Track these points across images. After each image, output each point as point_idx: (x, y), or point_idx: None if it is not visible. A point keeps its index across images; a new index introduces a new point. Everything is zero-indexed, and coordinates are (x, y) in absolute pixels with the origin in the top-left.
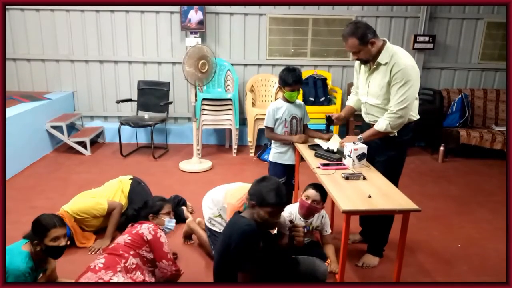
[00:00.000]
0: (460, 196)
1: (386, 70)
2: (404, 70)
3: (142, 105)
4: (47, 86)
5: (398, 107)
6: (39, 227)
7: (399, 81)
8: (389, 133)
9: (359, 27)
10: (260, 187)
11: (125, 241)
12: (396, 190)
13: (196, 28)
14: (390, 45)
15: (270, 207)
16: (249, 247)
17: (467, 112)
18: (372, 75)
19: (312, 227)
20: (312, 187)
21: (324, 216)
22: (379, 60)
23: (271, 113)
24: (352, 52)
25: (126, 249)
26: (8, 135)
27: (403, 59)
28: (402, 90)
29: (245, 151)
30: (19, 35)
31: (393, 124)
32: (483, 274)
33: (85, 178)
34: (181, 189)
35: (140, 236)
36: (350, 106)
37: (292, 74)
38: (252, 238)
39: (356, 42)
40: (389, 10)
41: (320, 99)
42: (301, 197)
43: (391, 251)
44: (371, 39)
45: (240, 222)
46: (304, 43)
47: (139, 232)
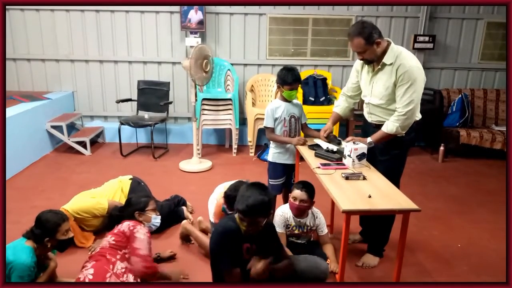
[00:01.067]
0: (460, 196)
1: (392, 71)
2: (410, 71)
3: (142, 105)
4: (47, 86)
5: (406, 109)
6: (49, 223)
7: (406, 82)
8: (398, 134)
9: (366, 27)
10: (240, 192)
11: (109, 243)
12: (396, 190)
13: (196, 28)
14: (394, 46)
15: (240, 214)
16: (222, 247)
17: (467, 112)
18: (377, 76)
19: (306, 227)
20: (297, 187)
21: (318, 216)
22: (384, 60)
23: (270, 113)
24: (358, 52)
25: (113, 252)
26: (8, 135)
27: (409, 60)
28: (409, 92)
29: (245, 151)
30: (19, 35)
31: (402, 125)
32: (483, 274)
33: (85, 178)
34: (181, 189)
35: (122, 233)
36: (338, 114)
37: (291, 73)
38: (224, 239)
39: (362, 42)
40: (389, 10)
41: (320, 99)
42: (289, 198)
43: (391, 251)
44: (377, 39)
45: (220, 223)
46: (304, 43)
47: (120, 230)
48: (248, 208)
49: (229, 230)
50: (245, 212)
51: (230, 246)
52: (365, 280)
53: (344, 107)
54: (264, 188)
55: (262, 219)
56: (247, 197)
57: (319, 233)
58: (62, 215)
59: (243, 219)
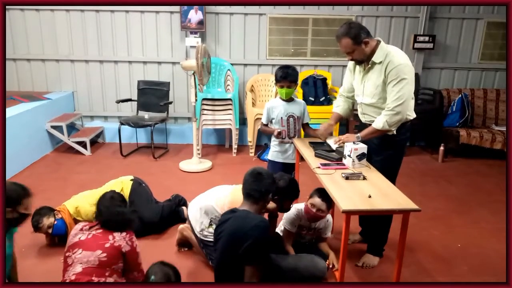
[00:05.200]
0: (460, 196)
1: (381, 69)
2: (398, 67)
3: (142, 105)
4: (47, 86)
5: (394, 104)
6: (14, 194)
7: (394, 78)
8: (387, 131)
9: (352, 27)
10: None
11: (99, 260)
12: (396, 190)
13: (196, 28)
14: (384, 45)
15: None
16: (266, 240)
17: (467, 112)
18: (367, 75)
19: (314, 230)
20: (318, 195)
21: (329, 220)
22: (373, 59)
23: (266, 111)
24: (346, 53)
25: (101, 271)
26: (8, 135)
27: (398, 58)
28: (397, 87)
29: (245, 151)
30: (19, 35)
31: (390, 121)
32: (483, 274)
33: (85, 178)
34: (181, 189)
35: (117, 249)
36: (338, 114)
37: (281, 70)
38: (268, 232)
39: (350, 42)
40: (389, 10)
41: (320, 99)
42: (307, 202)
43: (391, 251)
44: (364, 39)
45: (252, 217)
46: (304, 43)
47: (115, 245)
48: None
49: (268, 225)
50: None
51: (270, 240)
52: (365, 280)
53: (345, 108)
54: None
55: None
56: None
57: (322, 234)
58: (28, 190)
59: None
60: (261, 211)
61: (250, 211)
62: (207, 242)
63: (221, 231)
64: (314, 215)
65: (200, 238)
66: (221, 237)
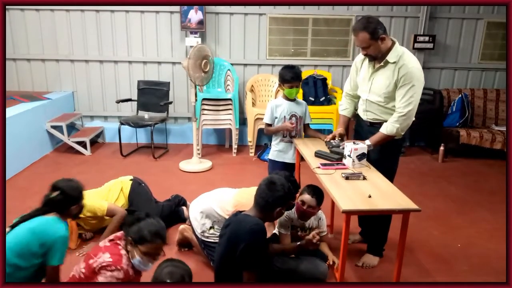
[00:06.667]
0: (460, 196)
1: (394, 70)
2: (412, 72)
3: (142, 105)
4: (47, 86)
5: (406, 109)
6: (76, 191)
7: (408, 83)
8: (395, 136)
9: (371, 22)
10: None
11: (79, 273)
12: (396, 190)
13: (196, 28)
14: (398, 46)
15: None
16: (260, 245)
17: (467, 112)
18: (377, 73)
19: (308, 228)
20: (307, 192)
21: (321, 217)
22: (387, 58)
23: (270, 110)
24: (362, 47)
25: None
26: (8, 135)
27: (411, 61)
28: (410, 92)
29: (245, 151)
30: (19, 35)
31: (402, 126)
32: (483, 274)
33: (85, 178)
34: (181, 189)
35: (92, 268)
36: (346, 117)
37: (290, 70)
38: (262, 236)
39: (367, 36)
40: (389, 10)
41: (320, 99)
42: (297, 200)
43: (391, 251)
44: (381, 35)
45: (248, 221)
46: (304, 43)
47: (93, 266)
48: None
49: (263, 228)
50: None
51: (265, 244)
52: (365, 280)
53: (352, 110)
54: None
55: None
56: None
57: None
58: (78, 181)
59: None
60: (266, 221)
61: (249, 215)
62: (208, 243)
63: (223, 234)
64: (304, 211)
65: (202, 239)
66: (221, 241)
